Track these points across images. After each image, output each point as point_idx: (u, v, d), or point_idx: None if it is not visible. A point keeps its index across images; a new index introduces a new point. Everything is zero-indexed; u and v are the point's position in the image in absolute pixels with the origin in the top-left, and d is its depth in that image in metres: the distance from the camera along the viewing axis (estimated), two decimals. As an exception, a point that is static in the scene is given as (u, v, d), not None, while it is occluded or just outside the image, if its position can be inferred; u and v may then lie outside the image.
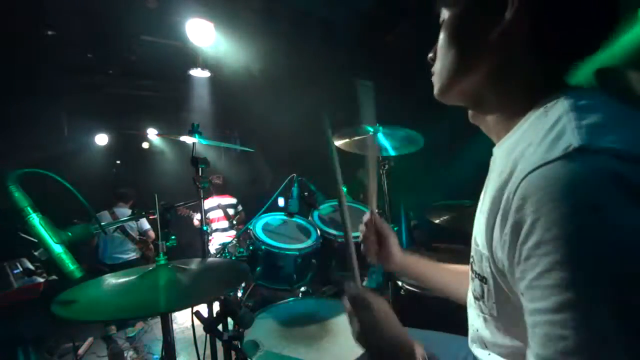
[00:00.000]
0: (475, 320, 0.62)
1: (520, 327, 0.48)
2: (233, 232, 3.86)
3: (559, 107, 0.44)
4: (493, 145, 0.62)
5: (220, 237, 3.82)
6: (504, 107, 0.55)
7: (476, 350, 0.65)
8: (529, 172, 0.40)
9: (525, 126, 0.49)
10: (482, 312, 0.58)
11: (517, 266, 0.42)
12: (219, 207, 3.89)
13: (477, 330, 0.62)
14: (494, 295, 0.53)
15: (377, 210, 0.98)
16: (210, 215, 3.89)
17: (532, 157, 0.41)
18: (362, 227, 0.97)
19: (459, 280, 0.87)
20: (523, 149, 0.45)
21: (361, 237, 0.98)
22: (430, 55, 0.63)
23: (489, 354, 0.60)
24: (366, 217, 0.97)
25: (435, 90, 0.62)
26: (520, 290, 0.42)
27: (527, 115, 0.50)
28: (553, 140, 0.41)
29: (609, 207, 0.35)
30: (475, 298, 0.59)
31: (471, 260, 0.60)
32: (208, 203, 3.86)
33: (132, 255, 3.54)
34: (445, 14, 0.58)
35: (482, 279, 0.55)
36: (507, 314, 0.52)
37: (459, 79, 0.58)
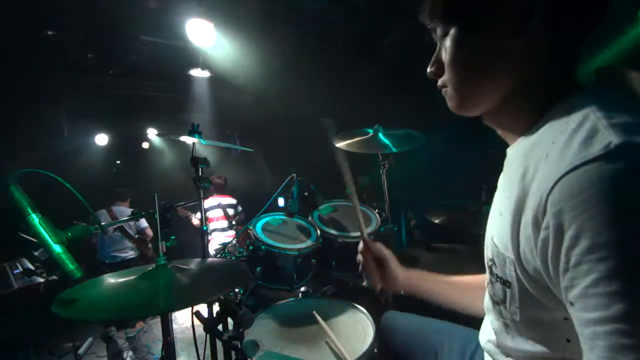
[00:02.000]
0: (494, 324, 0.61)
1: (546, 333, 0.48)
2: (232, 232, 3.86)
3: (583, 107, 0.43)
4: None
5: (219, 237, 3.82)
6: (522, 111, 0.54)
7: (494, 353, 0.63)
8: (565, 173, 0.38)
9: (545, 127, 0.48)
10: (502, 317, 0.56)
11: (564, 273, 0.39)
12: (219, 206, 3.89)
13: (496, 335, 0.61)
14: (518, 300, 0.51)
15: (369, 232, 1.01)
16: (210, 214, 3.89)
17: (564, 158, 0.40)
18: (359, 257, 0.98)
19: (468, 293, 0.85)
20: (546, 149, 0.44)
21: (360, 266, 0.98)
22: (432, 69, 0.60)
23: (507, 358, 0.59)
24: (360, 246, 0.98)
25: (452, 105, 0.59)
26: (569, 299, 0.39)
27: (545, 115, 0.49)
28: (585, 139, 0.39)
29: None
30: (495, 302, 0.57)
31: (489, 263, 0.58)
32: (208, 202, 3.86)
33: (130, 254, 3.55)
34: (445, 27, 0.55)
35: (505, 283, 0.52)
36: (531, 319, 0.51)
37: (478, 93, 0.56)
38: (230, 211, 4.01)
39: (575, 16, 0.48)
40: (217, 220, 3.90)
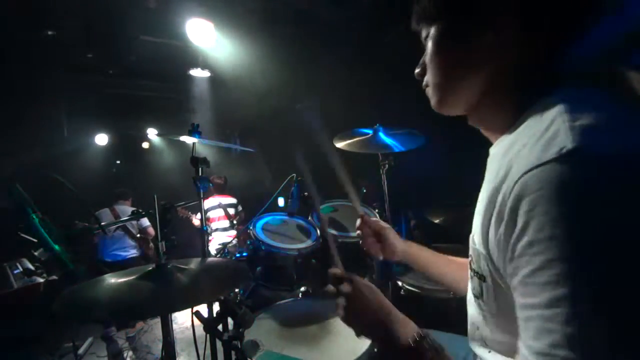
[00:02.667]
0: (476, 318, 0.63)
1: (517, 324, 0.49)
2: (233, 232, 3.86)
3: (554, 107, 0.44)
4: (491, 145, 0.62)
5: (220, 237, 3.82)
6: (502, 109, 0.55)
7: (477, 348, 0.65)
8: (524, 173, 0.41)
9: (522, 126, 0.49)
10: (482, 310, 0.58)
11: (510, 263, 0.44)
12: (219, 206, 3.90)
13: (478, 329, 0.62)
14: (493, 294, 0.54)
15: (367, 212, 1.02)
16: (211, 214, 3.90)
17: (528, 158, 0.42)
18: (358, 232, 1.03)
19: (461, 272, 0.90)
20: (519, 149, 0.46)
21: (361, 241, 1.02)
22: (418, 70, 0.65)
23: (490, 352, 0.61)
24: (358, 222, 1.02)
25: (433, 104, 0.63)
26: (513, 285, 0.44)
27: (523, 115, 0.50)
28: (547, 141, 0.41)
29: (598, 208, 0.36)
30: (475, 296, 0.60)
31: (470, 258, 0.61)
32: (208, 202, 3.86)
33: (132, 253, 3.54)
34: (428, 29, 0.59)
35: (481, 277, 0.55)
36: (506, 311, 0.52)
37: (455, 90, 0.59)
38: (231, 211, 4.01)
39: (551, 16, 0.49)
40: (218, 220, 3.91)
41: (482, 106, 0.58)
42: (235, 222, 3.94)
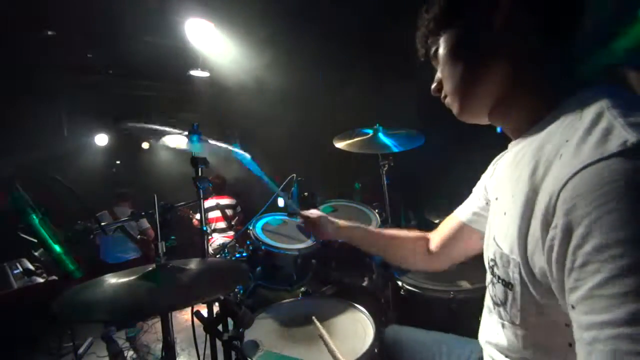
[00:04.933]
0: (493, 325, 0.61)
1: (546, 337, 0.47)
2: (231, 233, 3.86)
3: (596, 104, 0.42)
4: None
5: (218, 238, 3.82)
6: (526, 106, 0.54)
7: (493, 353, 0.63)
8: (579, 170, 0.37)
9: (555, 123, 0.47)
10: (502, 319, 0.56)
11: (569, 274, 0.37)
12: (217, 207, 3.89)
13: (495, 335, 0.60)
14: (520, 303, 0.50)
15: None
16: (209, 215, 3.89)
17: (578, 155, 0.39)
18: (301, 220, 1.26)
19: (394, 245, 1.06)
20: (557, 147, 0.43)
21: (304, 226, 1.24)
22: (434, 86, 0.65)
23: (505, 359, 0.59)
24: (302, 214, 1.24)
25: (455, 111, 0.62)
26: (571, 302, 0.37)
27: (552, 112, 0.49)
28: (600, 137, 0.38)
29: None
30: (495, 304, 0.57)
31: (491, 263, 0.57)
32: (207, 203, 3.86)
33: (133, 255, 3.54)
34: (436, 42, 0.60)
35: (508, 285, 0.51)
36: (531, 322, 0.50)
37: (475, 92, 0.57)
38: (229, 212, 4.01)
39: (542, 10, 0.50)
40: (216, 222, 3.90)
41: (503, 105, 0.56)
42: (233, 223, 3.94)
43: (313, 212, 1.22)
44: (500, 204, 0.58)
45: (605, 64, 0.49)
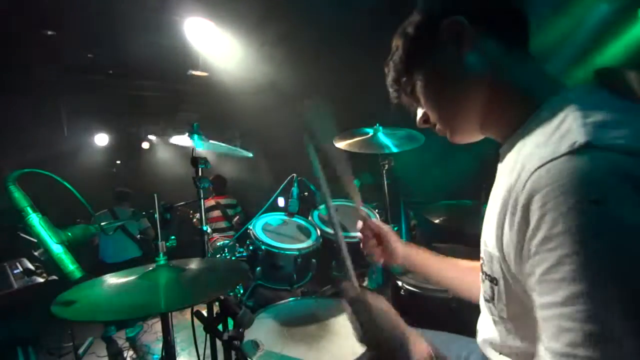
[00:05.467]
0: (486, 321, 0.62)
1: (531, 328, 0.48)
2: (231, 233, 3.86)
3: (565, 107, 0.45)
4: (493, 144, 0.63)
5: (218, 238, 3.82)
6: (509, 114, 0.56)
7: (488, 351, 0.64)
8: (536, 169, 0.40)
9: (532, 127, 0.50)
10: (492, 314, 0.58)
11: (527, 262, 0.42)
12: (218, 206, 3.90)
13: (489, 332, 0.62)
14: (505, 297, 0.53)
15: (367, 212, 0.99)
16: (209, 215, 3.90)
17: (540, 155, 0.42)
18: (359, 234, 0.99)
19: (464, 277, 0.87)
20: (531, 149, 0.46)
21: (362, 243, 0.99)
22: (420, 119, 0.69)
23: (499, 355, 0.60)
24: (359, 224, 0.98)
25: (449, 137, 0.65)
26: (530, 286, 0.42)
27: (531, 116, 0.51)
28: (559, 138, 0.41)
29: (613, 200, 0.35)
30: (486, 300, 0.59)
31: (481, 262, 0.60)
32: (207, 203, 3.86)
33: (133, 255, 3.54)
34: (410, 82, 0.63)
35: (493, 280, 0.54)
36: (517, 315, 0.52)
37: (462, 116, 0.61)
38: (230, 211, 4.01)
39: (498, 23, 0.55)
40: (216, 221, 3.91)
41: (489, 119, 0.59)
42: (233, 223, 3.94)
43: (379, 223, 0.97)
44: (489, 205, 0.61)
45: (603, 67, 0.50)
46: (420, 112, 0.68)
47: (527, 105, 0.52)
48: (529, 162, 0.43)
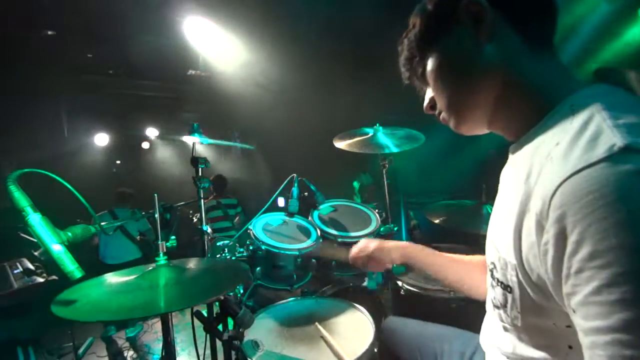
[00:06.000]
0: (494, 327, 0.61)
1: (548, 339, 0.46)
2: (233, 233, 3.86)
3: (588, 105, 0.42)
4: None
5: (220, 238, 3.82)
6: (522, 111, 0.54)
7: (495, 355, 0.63)
8: (569, 176, 0.37)
9: (548, 126, 0.47)
10: (502, 321, 0.55)
11: (566, 280, 0.37)
12: (219, 206, 3.90)
13: (498, 338, 0.60)
14: (520, 306, 0.49)
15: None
16: (211, 215, 3.89)
17: (568, 160, 0.38)
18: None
19: (465, 272, 0.87)
20: (549, 149, 0.43)
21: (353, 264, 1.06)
22: (427, 104, 0.66)
23: None
24: (350, 258, 1.06)
25: (452, 125, 0.62)
26: (571, 306, 0.38)
27: (548, 113, 0.49)
28: (590, 140, 0.38)
29: None
30: (495, 306, 0.56)
31: (491, 266, 0.57)
32: (209, 203, 3.87)
33: (133, 255, 3.53)
34: (421, 64, 0.60)
35: (506, 288, 0.51)
36: (531, 325, 0.50)
37: (468, 103, 0.58)
38: (231, 211, 4.01)
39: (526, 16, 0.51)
40: (218, 221, 3.91)
41: (500, 112, 0.56)
42: (235, 222, 3.94)
43: (364, 247, 1.03)
44: (499, 208, 0.58)
45: (603, 66, 0.49)
46: (428, 97, 0.65)
47: (543, 103, 0.49)
48: (552, 166, 0.40)
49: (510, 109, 0.55)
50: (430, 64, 0.58)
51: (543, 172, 0.42)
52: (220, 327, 0.94)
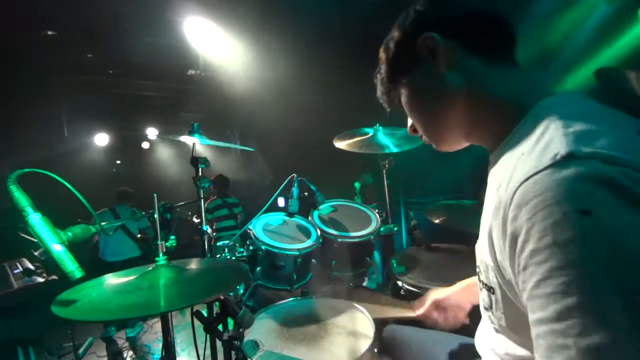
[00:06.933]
0: (488, 330, 0.62)
1: (531, 338, 0.48)
2: (237, 231, 3.86)
3: (547, 116, 0.45)
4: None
5: (225, 236, 3.82)
6: (495, 124, 0.57)
7: (490, 358, 0.64)
8: (522, 182, 0.40)
9: (517, 136, 0.50)
10: (492, 323, 0.57)
11: (518, 277, 0.41)
12: (224, 204, 3.91)
13: (490, 340, 0.62)
14: (502, 306, 0.52)
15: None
16: (216, 214, 3.90)
17: (525, 167, 0.42)
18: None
19: None
20: (517, 158, 0.46)
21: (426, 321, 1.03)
22: (410, 127, 0.72)
23: None
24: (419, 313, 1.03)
25: (435, 147, 0.68)
26: (524, 302, 0.41)
27: (518, 125, 0.51)
28: (542, 149, 0.42)
29: (599, 210, 0.35)
30: (485, 308, 0.59)
31: (477, 270, 0.60)
32: (214, 202, 3.88)
33: (133, 253, 3.54)
34: (397, 93, 0.65)
35: (490, 289, 0.54)
36: (516, 324, 0.51)
37: (445, 126, 0.62)
38: (236, 210, 4.03)
39: (479, 37, 0.55)
40: (224, 220, 3.91)
41: (474, 128, 0.60)
42: (238, 221, 3.95)
43: (433, 303, 1.00)
44: (483, 215, 0.61)
45: (603, 67, 0.50)
46: (409, 121, 0.71)
47: (512, 115, 0.52)
48: (516, 173, 0.43)
49: (481, 123, 0.58)
50: (403, 95, 0.64)
51: (511, 179, 0.44)
52: (220, 327, 0.94)
